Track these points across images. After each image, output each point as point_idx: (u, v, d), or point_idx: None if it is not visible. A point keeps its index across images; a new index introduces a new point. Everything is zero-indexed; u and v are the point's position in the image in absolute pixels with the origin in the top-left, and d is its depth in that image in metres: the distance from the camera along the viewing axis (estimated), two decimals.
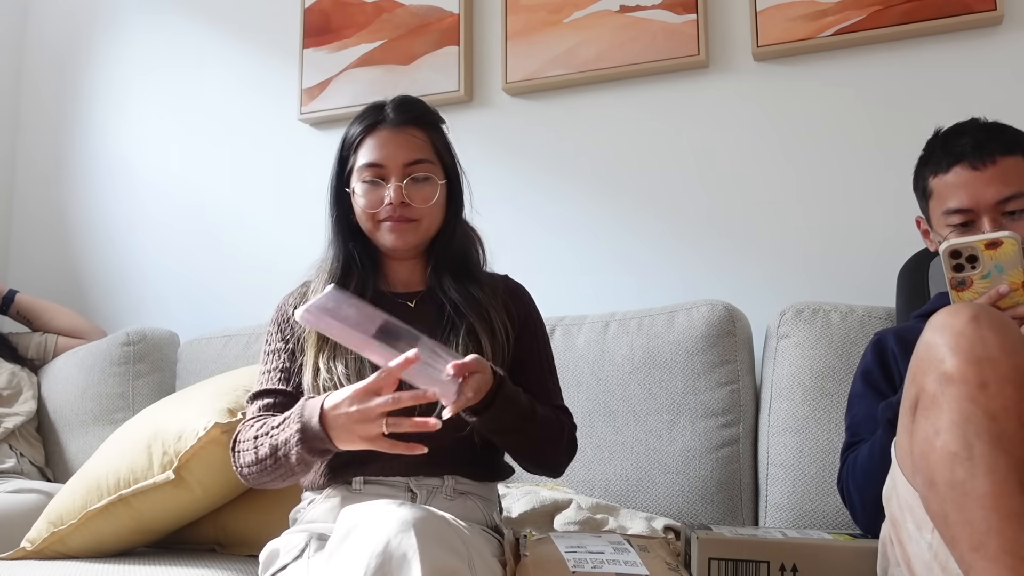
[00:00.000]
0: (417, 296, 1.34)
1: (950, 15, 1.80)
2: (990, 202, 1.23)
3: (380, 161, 1.29)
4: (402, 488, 1.23)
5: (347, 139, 1.34)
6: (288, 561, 1.17)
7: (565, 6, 2.11)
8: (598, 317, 1.83)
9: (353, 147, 1.32)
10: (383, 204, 1.28)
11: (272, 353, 1.34)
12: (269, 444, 1.17)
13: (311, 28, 2.37)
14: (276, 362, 1.32)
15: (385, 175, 1.29)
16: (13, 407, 2.12)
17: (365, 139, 1.31)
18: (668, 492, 1.66)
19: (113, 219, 2.61)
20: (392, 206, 1.27)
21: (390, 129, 1.31)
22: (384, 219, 1.29)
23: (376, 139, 1.30)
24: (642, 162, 2.05)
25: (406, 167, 1.29)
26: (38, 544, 1.53)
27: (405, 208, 1.28)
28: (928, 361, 0.95)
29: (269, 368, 1.32)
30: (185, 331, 2.33)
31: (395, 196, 1.27)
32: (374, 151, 1.30)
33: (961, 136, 1.28)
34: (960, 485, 0.87)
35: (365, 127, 1.32)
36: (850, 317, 1.65)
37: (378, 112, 1.33)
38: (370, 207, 1.29)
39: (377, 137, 1.31)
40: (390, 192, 1.27)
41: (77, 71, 2.72)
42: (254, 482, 1.24)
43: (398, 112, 1.32)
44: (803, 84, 1.94)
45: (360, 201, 1.30)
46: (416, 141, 1.31)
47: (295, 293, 1.38)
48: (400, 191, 1.28)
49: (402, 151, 1.30)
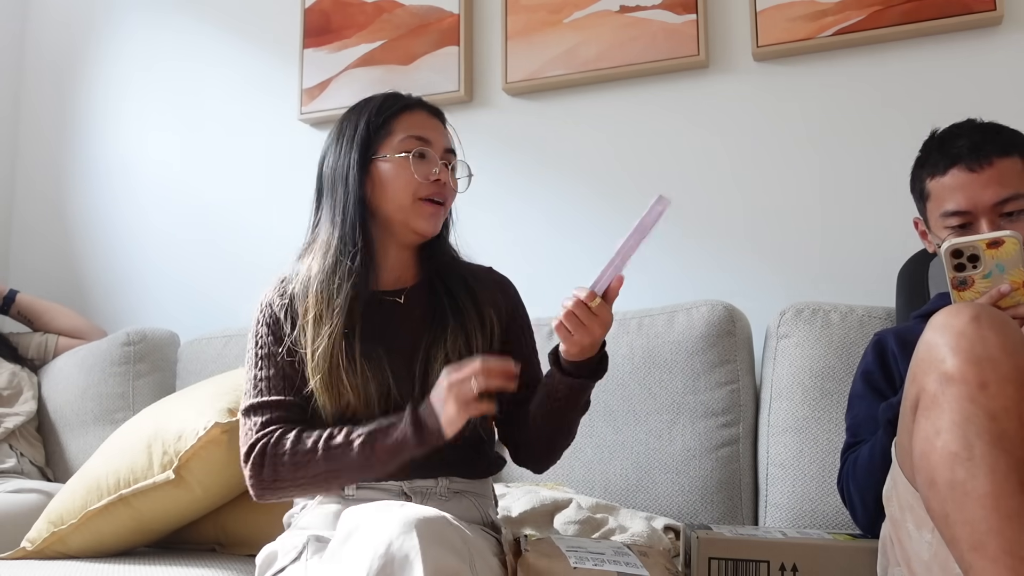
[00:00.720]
0: (406, 291, 1.31)
1: (950, 15, 1.80)
2: (987, 204, 1.23)
3: (428, 137, 1.28)
4: (396, 492, 1.23)
5: (374, 115, 1.28)
6: (286, 563, 1.17)
7: (565, 6, 2.11)
8: None
9: (387, 120, 1.28)
10: (429, 179, 1.25)
11: (266, 358, 1.25)
12: (364, 439, 1.14)
13: (311, 28, 2.37)
14: (272, 368, 1.24)
15: (433, 150, 1.28)
16: (13, 407, 2.12)
17: (403, 115, 1.29)
18: (668, 492, 1.66)
19: (113, 219, 2.61)
20: (438, 183, 1.26)
21: (428, 113, 1.31)
22: (426, 197, 1.26)
23: (419, 117, 1.30)
24: (642, 162, 2.05)
25: (446, 152, 1.30)
26: (38, 544, 1.53)
27: (447, 189, 1.28)
28: (929, 361, 0.95)
29: (266, 375, 1.24)
30: (185, 331, 2.33)
31: (442, 174, 1.26)
32: (420, 127, 1.28)
33: (958, 138, 1.28)
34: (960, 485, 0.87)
35: (403, 105, 1.30)
36: (850, 317, 1.65)
37: (405, 97, 1.32)
38: (421, 176, 1.25)
39: (419, 116, 1.30)
40: (437, 169, 1.26)
41: (77, 72, 2.72)
42: (289, 493, 1.19)
43: (426, 104, 1.33)
44: (803, 84, 1.94)
45: (402, 172, 1.25)
46: (446, 131, 1.33)
47: (276, 290, 1.30)
48: (447, 172, 1.28)
49: (443, 136, 1.31)
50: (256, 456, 1.18)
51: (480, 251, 1.40)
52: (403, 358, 1.25)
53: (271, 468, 1.17)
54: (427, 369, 1.24)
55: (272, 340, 1.26)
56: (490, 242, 1.41)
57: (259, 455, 1.18)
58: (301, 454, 1.16)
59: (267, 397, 1.23)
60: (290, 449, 1.17)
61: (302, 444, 1.17)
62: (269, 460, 1.17)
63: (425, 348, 1.25)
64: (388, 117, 1.28)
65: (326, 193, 1.30)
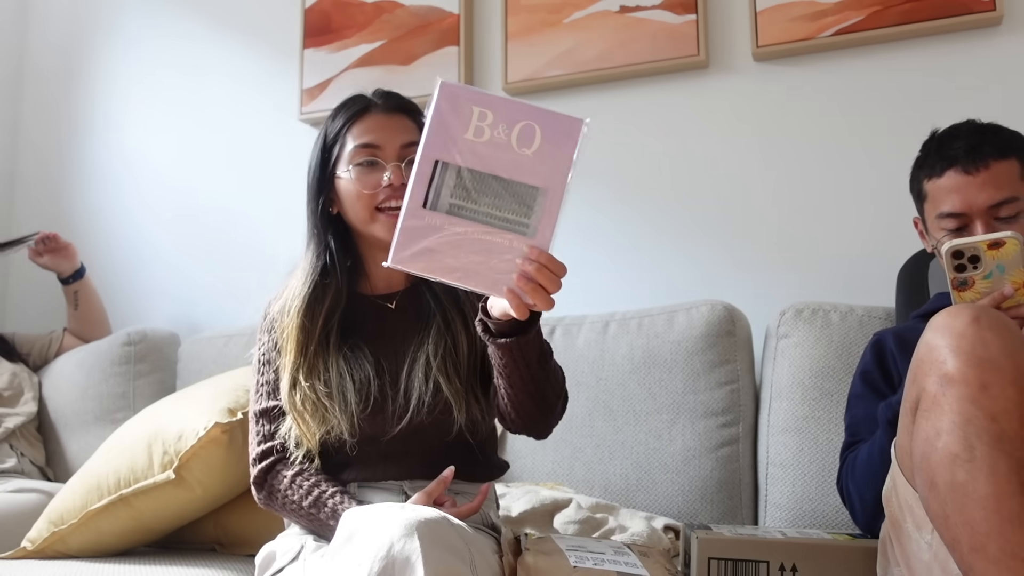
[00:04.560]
0: (397, 296, 1.32)
1: (950, 15, 1.80)
2: (982, 207, 1.23)
3: (376, 142, 1.25)
4: (396, 492, 1.23)
5: (331, 128, 1.29)
6: (285, 563, 1.17)
7: (565, 6, 2.11)
8: (598, 317, 1.83)
9: (340, 133, 1.27)
10: (380, 187, 1.23)
11: (268, 363, 1.30)
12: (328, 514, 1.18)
13: (311, 28, 2.37)
14: (272, 372, 1.30)
15: (382, 157, 1.25)
16: (14, 407, 2.12)
17: (355, 124, 1.27)
18: (668, 492, 1.66)
19: (113, 219, 2.61)
20: (392, 188, 1.23)
21: (382, 113, 1.28)
22: (382, 206, 1.24)
23: (368, 122, 1.27)
24: (642, 162, 2.05)
25: (403, 148, 1.25)
26: (39, 544, 1.53)
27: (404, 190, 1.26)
28: (929, 362, 0.95)
29: (267, 380, 1.30)
30: (185, 331, 2.33)
31: (394, 177, 1.23)
32: (368, 132, 1.25)
33: (955, 139, 1.28)
34: (961, 486, 0.87)
35: (354, 112, 1.28)
36: (850, 317, 1.65)
37: (363, 100, 1.29)
38: (368, 188, 1.23)
39: (369, 120, 1.27)
40: (388, 174, 1.23)
41: (77, 72, 2.72)
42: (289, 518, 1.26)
43: (386, 99, 1.30)
44: (803, 84, 1.94)
45: (353, 186, 1.24)
46: (408, 125, 1.29)
47: (279, 296, 1.33)
48: (400, 172, 1.23)
49: (397, 133, 1.26)
50: (258, 476, 1.26)
51: None
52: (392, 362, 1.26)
53: (267, 495, 1.25)
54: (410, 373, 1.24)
55: (271, 346, 1.31)
56: None
57: (260, 476, 1.25)
58: (291, 502, 1.22)
59: (269, 403, 1.28)
60: (282, 492, 1.22)
61: (292, 492, 1.21)
62: (267, 489, 1.25)
63: (412, 352, 1.26)
64: (341, 128, 1.27)
65: (307, 204, 1.32)
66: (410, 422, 1.21)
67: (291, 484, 1.21)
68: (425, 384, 1.22)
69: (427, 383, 1.22)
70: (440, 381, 1.22)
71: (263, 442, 1.26)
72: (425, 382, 1.22)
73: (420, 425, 1.21)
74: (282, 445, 1.24)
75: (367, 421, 1.21)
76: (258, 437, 1.28)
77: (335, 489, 1.19)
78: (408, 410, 1.21)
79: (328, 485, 1.20)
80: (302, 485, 1.21)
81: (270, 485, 1.24)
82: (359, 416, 1.20)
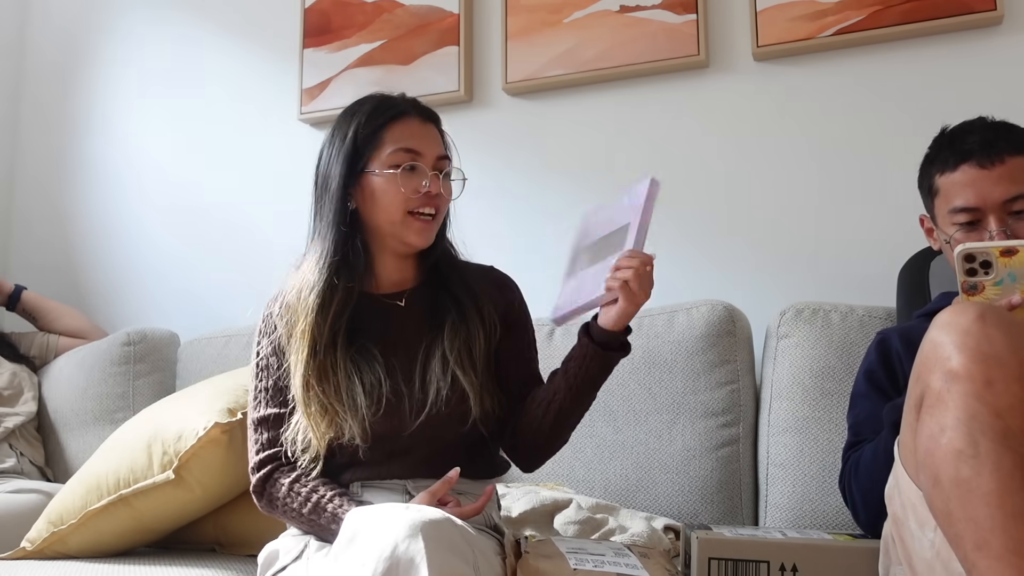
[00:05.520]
0: (407, 294, 1.32)
1: (950, 15, 1.80)
2: (997, 201, 1.23)
3: (419, 148, 1.25)
4: (399, 491, 1.23)
5: (364, 126, 1.26)
6: (288, 562, 1.17)
7: (565, 6, 2.11)
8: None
9: (376, 133, 1.26)
10: (419, 192, 1.24)
11: (265, 369, 1.29)
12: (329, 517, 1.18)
13: (311, 28, 2.37)
14: (270, 379, 1.28)
15: (423, 163, 1.25)
16: (14, 407, 2.11)
17: (393, 126, 1.26)
18: (668, 492, 1.66)
19: (113, 219, 2.61)
20: (428, 195, 1.24)
21: (419, 120, 1.28)
22: (415, 211, 1.24)
23: (408, 127, 1.26)
24: (642, 162, 2.05)
25: (438, 160, 1.27)
26: (38, 544, 1.53)
27: (438, 199, 1.26)
28: (934, 359, 0.95)
29: (265, 387, 1.28)
30: (185, 331, 2.33)
31: (432, 186, 1.24)
32: (410, 138, 1.25)
33: (969, 134, 1.28)
34: (965, 483, 0.86)
35: (393, 115, 1.26)
36: (850, 317, 1.65)
37: (398, 104, 1.28)
38: (411, 191, 1.23)
39: (409, 126, 1.26)
40: (426, 182, 1.24)
41: (76, 73, 2.72)
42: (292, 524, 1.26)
43: (419, 107, 1.30)
44: (803, 84, 1.94)
45: (392, 187, 1.23)
46: (439, 136, 1.30)
47: (277, 299, 1.32)
48: (438, 182, 1.25)
49: (435, 143, 1.28)
50: (257, 485, 1.26)
51: (480, 251, 1.40)
52: (403, 359, 1.26)
53: (267, 503, 1.25)
54: (426, 367, 1.24)
55: (270, 351, 1.29)
56: (490, 242, 1.41)
57: (259, 485, 1.26)
58: (291, 509, 1.22)
59: (266, 411, 1.27)
60: (281, 500, 1.22)
61: (290, 499, 1.21)
62: (266, 497, 1.25)
63: (425, 347, 1.26)
64: (378, 128, 1.26)
65: (318, 199, 1.30)
66: (428, 416, 1.21)
67: (289, 491, 1.21)
68: (443, 378, 1.22)
69: (445, 376, 1.22)
70: (457, 373, 1.23)
71: (261, 451, 1.26)
72: (443, 375, 1.23)
73: (437, 418, 1.21)
74: (280, 453, 1.24)
75: (380, 423, 1.20)
76: (256, 446, 1.27)
77: (333, 492, 1.19)
78: (427, 404, 1.21)
79: (326, 489, 1.19)
80: (300, 492, 1.20)
81: (269, 494, 1.24)
82: (371, 419, 1.19)
